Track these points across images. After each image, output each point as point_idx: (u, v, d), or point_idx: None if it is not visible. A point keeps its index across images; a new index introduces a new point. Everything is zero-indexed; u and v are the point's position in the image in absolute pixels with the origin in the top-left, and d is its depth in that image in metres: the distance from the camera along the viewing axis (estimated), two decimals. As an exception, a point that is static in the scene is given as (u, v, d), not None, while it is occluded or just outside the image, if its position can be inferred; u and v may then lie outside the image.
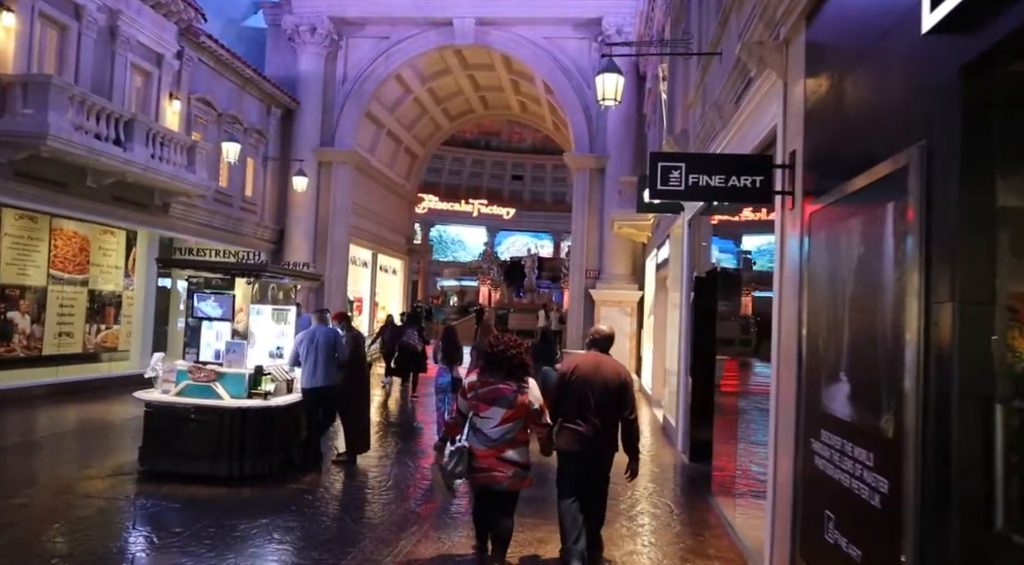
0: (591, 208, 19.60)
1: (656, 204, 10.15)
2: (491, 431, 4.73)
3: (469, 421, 4.85)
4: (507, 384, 4.78)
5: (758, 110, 5.31)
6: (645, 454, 10.08)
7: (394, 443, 10.08)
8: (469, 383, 4.94)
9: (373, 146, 23.25)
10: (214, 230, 17.32)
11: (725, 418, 7.42)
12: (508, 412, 4.73)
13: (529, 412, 4.81)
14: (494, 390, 4.78)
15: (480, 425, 4.77)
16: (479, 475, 4.76)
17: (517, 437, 4.78)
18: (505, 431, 4.73)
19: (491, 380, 4.81)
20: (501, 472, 4.71)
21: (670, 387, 11.89)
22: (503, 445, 4.73)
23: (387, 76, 20.73)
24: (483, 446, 4.74)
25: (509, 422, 4.73)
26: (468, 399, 4.86)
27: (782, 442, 4.46)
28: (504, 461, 4.72)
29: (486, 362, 4.89)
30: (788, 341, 4.40)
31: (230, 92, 17.89)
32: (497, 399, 4.76)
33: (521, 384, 4.82)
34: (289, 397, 7.71)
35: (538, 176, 44.49)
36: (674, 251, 12.03)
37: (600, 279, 19.09)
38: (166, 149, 14.03)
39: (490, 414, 4.75)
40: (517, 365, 4.81)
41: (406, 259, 28.08)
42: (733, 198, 4.72)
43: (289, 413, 7.65)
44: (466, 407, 4.89)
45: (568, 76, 19.95)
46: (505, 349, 4.84)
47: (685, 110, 10.22)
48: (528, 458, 4.87)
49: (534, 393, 4.88)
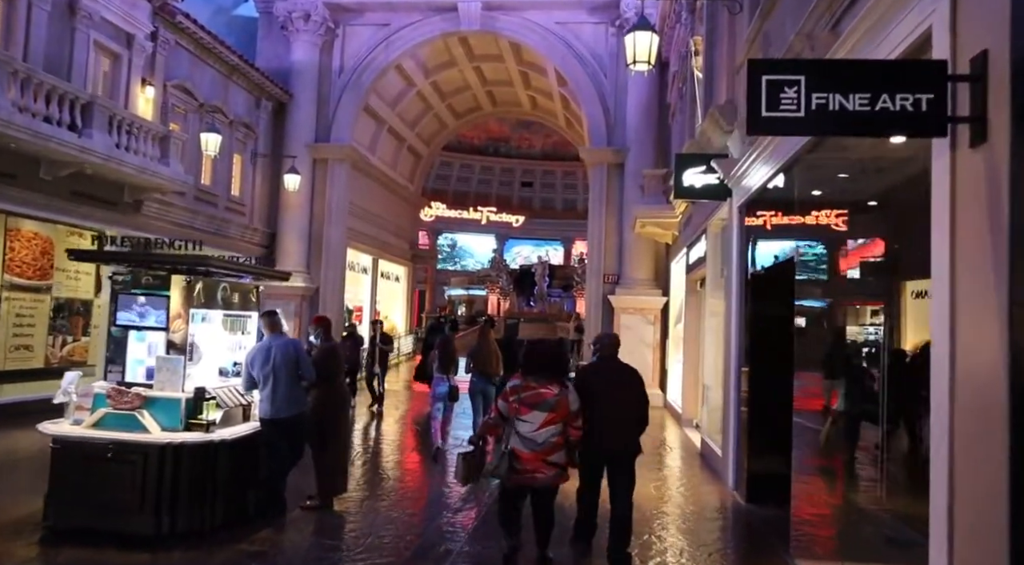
0: (609, 207, 17.89)
1: (699, 189, 8.44)
2: (534, 435, 4.90)
3: (509, 423, 4.98)
4: (549, 388, 4.98)
5: (893, 10, 3.59)
6: (677, 487, 8.42)
7: (380, 480, 8.37)
8: (511, 387, 5.09)
9: (373, 143, 21.67)
10: (196, 232, 15.70)
11: (812, 447, 5.68)
12: (550, 416, 4.92)
13: (568, 414, 4.99)
14: (536, 394, 4.95)
15: (521, 429, 4.91)
16: (520, 476, 4.92)
17: (558, 441, 4.97)
18: (548, 435, 4.92)
19: (533, 384, 5.00)
20: (543, 474, 4.92)
21: (711, 406, 10.15)
22: (548, 449, 4.92)
23: (387, 66, 19.16)
24: (527, 449, 4.90)
25: (550, 425, 4.93)
26: (510, 402, 5.00)
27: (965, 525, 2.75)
28: (548, 464, 4.93)
29: (527, 364, 5.12)
30: (978, 376, 2.71)
31: (213, 81, 16.34)
32: (539, 403, 4.93)
33: (563, 387, 5.02)
34: (242, 428, 6.02)
35: (548, 182, 43.25)
36: (712, 248, 10.31)
37: (619, 284, 17.36)
38: (134, 138, 12.47)
39: (531, 418, 4.91)
40: (558, 368, 5.13)
41: (410, 265, 26.45)
42: (879, 130, 3.03)
43: (242, 448, 5.95)
44: (507, 409, 5.03)
45: (583, 64, 18.31)
46: (546, 349, 5.25)
47: (732, 76, 8.55)
48: (565, 459, 5.09)
49: (573, 395, 5.06)
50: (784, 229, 6.83)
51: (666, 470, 9.48)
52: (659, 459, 10.31)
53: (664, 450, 11.10)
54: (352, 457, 8.77)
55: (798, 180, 6.27)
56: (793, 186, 6.54)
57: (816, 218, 5.94)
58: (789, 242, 6.72)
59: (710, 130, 8.68)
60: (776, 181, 6.86)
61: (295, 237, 18.69)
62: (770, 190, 6.99)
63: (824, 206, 6.00)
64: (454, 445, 9.94)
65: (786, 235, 6.66)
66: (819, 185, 6.05)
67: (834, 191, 5.82)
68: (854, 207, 5.43)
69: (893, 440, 4.43)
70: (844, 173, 5.72)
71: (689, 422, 13.07)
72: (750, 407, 7.44)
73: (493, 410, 5.26)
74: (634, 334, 16.85)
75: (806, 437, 5.76)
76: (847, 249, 5.52)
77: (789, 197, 6.64)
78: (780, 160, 6.37)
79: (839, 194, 5.74)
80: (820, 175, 5.93)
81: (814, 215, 5.99)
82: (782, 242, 7.01)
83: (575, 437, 5.09)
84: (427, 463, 9.29)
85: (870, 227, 5.12)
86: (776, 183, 6.89)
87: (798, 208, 6.31)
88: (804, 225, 6.10)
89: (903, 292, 4.39)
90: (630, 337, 16.86)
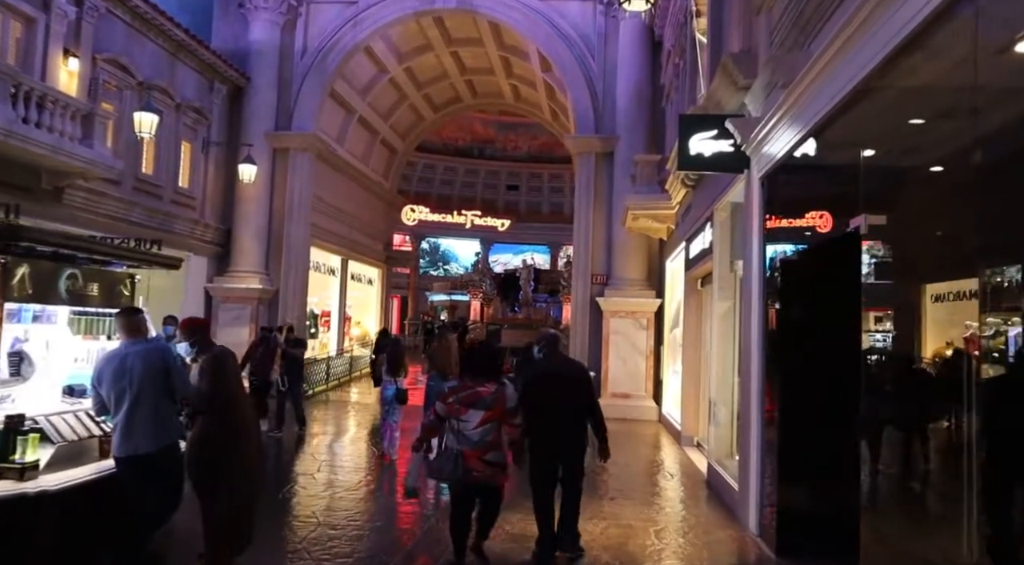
0: (597, 200, 16.27)
1: (709, 159, 6.81)
2: (471, 433, 5.04)
3: (449, 424, 5.11)
4: (486, 386, 5.12)
5: None
6: (680, 529, 6.80)
7: (300, 526, 6.65)
8: (450, 388, 5.32)
9: (342, 134, 19.96)
10: (133, 226, 13.94)
11: (895, 477, 4.06)
12: (487, 414, 5.07)
13: (504, 411, 5.13)
14: (473, 393, 5.10)
15: (461, 428, 5.05)
16: (467, 475, 5.04)
17: (495, 439, 5.12)
18: (484, 432, 5.05)
19: (471, 383, 5.15)
20: (480, 471, 5.05)
21: (719, 424, 8.52)
22: (486, 447, 5.06)
23: (355, 47, 17.49)
24: (466, 447, 5.03)
25: (487, 423, 5.07)
26: (448, 403, 5.13)
27: None
28: (486, 462, 5.06)
29: (466, 365, 5.44)
30: None
31: (156, 58, 14.60)
32: (476, 402, 5.08)
33: (499, 385, 5.17)
34: (87, 470, 4.31)
35: (534, 186, 41.93)
36: (720, 238, 8.71)
37: (609, 285, 15.73)
38: (48, 113, 10.72)
39: (469, 416, 5.05)
40: (492, 367, 5.28)
41: (384, 268, 24.69)
42: None
43: (85, 499, 4.24)
44: (444, 410, 5.16)
45: (569, 44, 16.72)
46: (483, 351, 5.59)
47: (748, 19, 6.95)
48: (505, 459, 5.24)
49: (509, 393, 5.21)
50: (828, 201, 5.21)
51: (666, 505, 7.81)
52: (655, 489, 8.64)
53: (661, 476, 9.42)
54: (266, 498, 7.05)
55: (848, 136, 4.67)
56: (839, 145, 4.94)
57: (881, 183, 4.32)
58: (831, 218, 5.10)
59: (721, 89, 7.08)
60: (810, 144, 5.26)
61: (252, 234, 16.95)
62: (800, 157, 5.39)
63: (887, 169, 4.39)
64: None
65: (834, 207, 5.04)
66: (882, 142, 4.45)
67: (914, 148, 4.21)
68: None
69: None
70: (922, 118, 4.12)
71: (690, 440, 11.43)
72: (780, 425, 5.81)
73: (432, 412, 5.37)
74: (625, 340, 15.22)
75: (885, 459, 4.13)
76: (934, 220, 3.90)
77: (834, 160, 5.04)
78: (822, 110, 4.78)
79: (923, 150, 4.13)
80: (881, 127, 4.34)
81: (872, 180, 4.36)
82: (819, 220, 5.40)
83: (512, 435, 5.29)
84: (366, 499, 7.60)
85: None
86: (810, 147, 5.29)
87: (846, 174, 4.70)
88: (854, 194, 4.47)
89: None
90: (621, 343, 15.23)
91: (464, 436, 5.00)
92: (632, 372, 15.17)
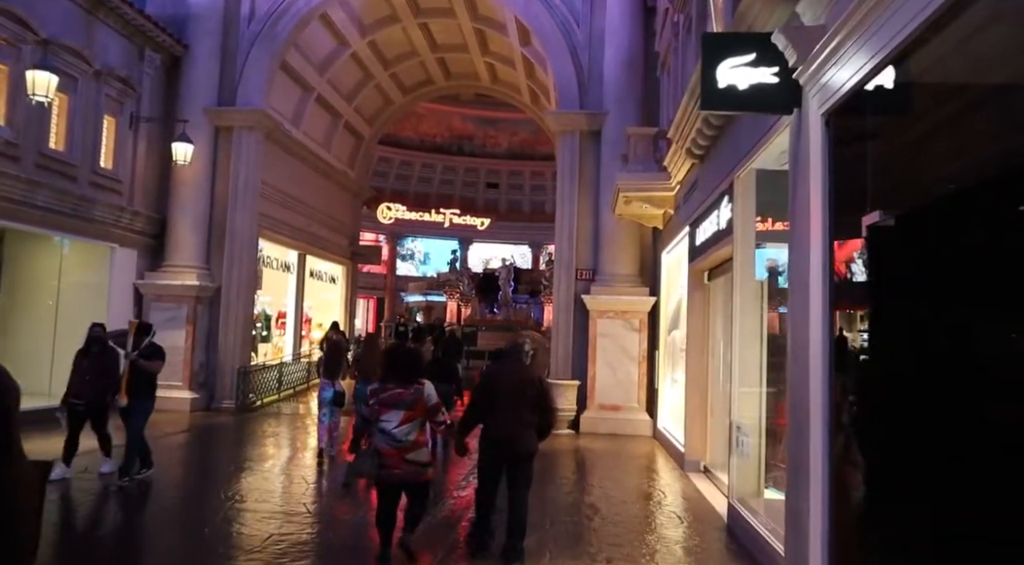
0: (582, 186, 14.34)
1: (744, 92, 4.85)
2: (394, 431, 5.20)
3: (375, 425, 5.31)
4: (404, 388, 5.28)
5: None
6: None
7: None
8: (371, 390, 5.46)
9: (298, 114, 17.87)
10: (37, 211, 11.84)
11: None
12: (407, 414, 5.23)
13: (427, 409, 5.33)
14: (394, 394, 5.26)
15: (384, 427, 5.22)
16: (386, 472, 5.22)
17: (418, 439, 5.30)
18: (406, 432, 5.21)
19: (391, 385, 5.30)
20: (400, 470, 5.22)
21: (745, 455, 6.59)
22: (407, 447, 5.22)
23: (309, 13, 15.44)
24: (388, 446, 5.21)
25: (408, 422, 5.22)
26: (370, 405, 5.40)
27: None
28: (407, 461, 5.23)
29: (386, 369, 5.47)
30: None
31: (68, 15, 12.47)
32: (397, 403, 5.24)
33: (416, 386, 5.32)
34: None
35: (515, 184, 40.22)
36: (742, 213, 6.81)
37: (596, 282, 13.79)
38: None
39: (390, 417, 5.22)
40: (412, 369, 5.39)
41: (349, 264, 22.60)
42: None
43: None
44: (368, 412, 5.63)
45: (551, 10, 14.79)
46: (402, 354, 5.58)
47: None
48: (429, 458, 5.55)
49: (428, 392, 5.36)
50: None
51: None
52: (660, 541, 6.57)
53: (666, 517, 7.37)
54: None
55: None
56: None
57: None
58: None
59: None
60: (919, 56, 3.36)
61: (190, 224, 14.83)
62: (899, 77, 3.47)
63: None
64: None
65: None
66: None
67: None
68: None
69: None
70: None
71: (695, 465, 9.52)
72: (869, 474, 3.88)
73: (358, 415, 5.96)
74: (615, 344, 13.28)
75: None
76: None
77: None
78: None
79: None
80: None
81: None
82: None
83: (441, 434, 6.02)
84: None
85: None
86: (917, 62, 3.38)
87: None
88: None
89: None
90: (610, 348, 13.29)
91: (387, 435, 5.20)
92: (622, 380, 13.24)
